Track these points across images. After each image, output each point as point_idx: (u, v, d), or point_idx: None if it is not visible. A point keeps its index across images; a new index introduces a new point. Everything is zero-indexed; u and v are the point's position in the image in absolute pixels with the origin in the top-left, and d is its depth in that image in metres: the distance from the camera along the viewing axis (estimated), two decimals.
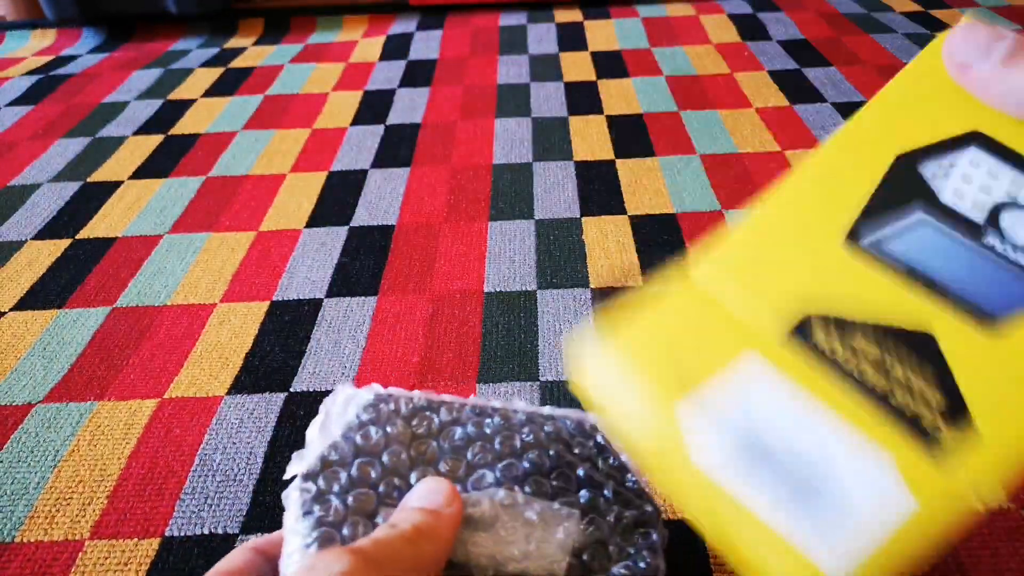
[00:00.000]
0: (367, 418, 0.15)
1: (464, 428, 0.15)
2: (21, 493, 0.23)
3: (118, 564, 0.21)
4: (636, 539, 0.14)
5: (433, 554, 0.12)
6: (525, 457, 0.15)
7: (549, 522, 0.14)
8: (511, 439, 0.15)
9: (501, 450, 0.15)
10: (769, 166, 0.40)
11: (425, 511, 0.13)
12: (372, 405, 0.16)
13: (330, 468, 0.14)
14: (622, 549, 0.14)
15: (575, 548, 0.14)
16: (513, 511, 0.14)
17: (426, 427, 0.15)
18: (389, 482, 0.14)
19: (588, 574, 0.14)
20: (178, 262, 0.34)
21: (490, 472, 0.15)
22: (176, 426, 0.25)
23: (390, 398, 0.16)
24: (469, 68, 0.55)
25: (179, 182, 0.42)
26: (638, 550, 0.14)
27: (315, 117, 0.48)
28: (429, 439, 0.15)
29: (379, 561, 0.11)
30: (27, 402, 0.27)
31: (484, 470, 0.15)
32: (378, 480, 0.14)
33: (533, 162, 0.41)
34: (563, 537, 0.14)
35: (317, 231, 0.36)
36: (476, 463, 0.15)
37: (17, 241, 0.37)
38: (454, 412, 0.16)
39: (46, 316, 0.31)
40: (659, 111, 0.46)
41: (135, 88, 0.54)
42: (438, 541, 0.13)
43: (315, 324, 0.30)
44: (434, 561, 0.12)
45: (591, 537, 0.14)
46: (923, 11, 0.61)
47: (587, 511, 0.14)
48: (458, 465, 0.15)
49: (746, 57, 0.54)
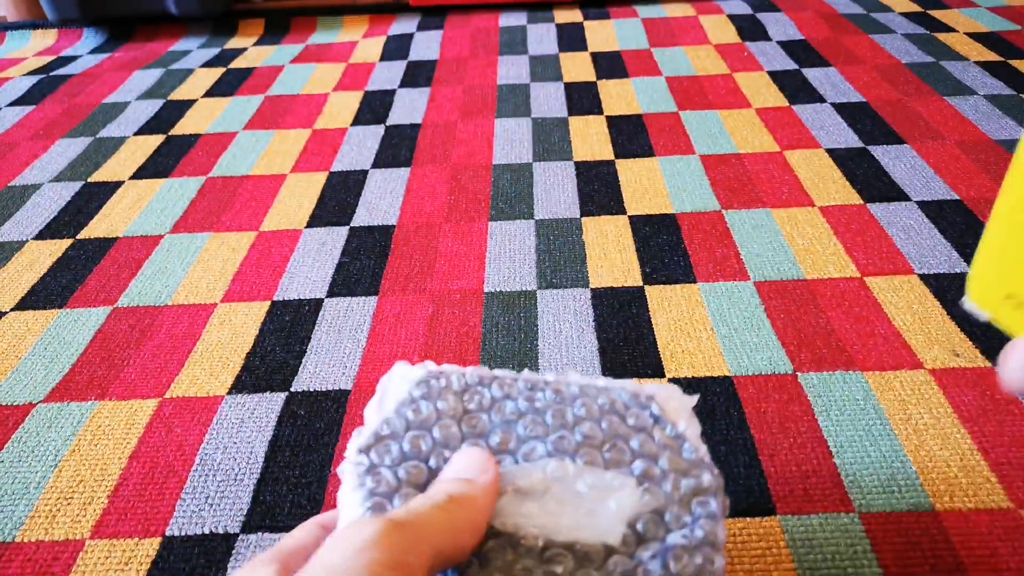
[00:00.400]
0: (419, 394, 0.15)
1: (515, 402, 0.15)
2: (22, 493, 0.23)
3: (119, 564, 0.21)
4: (694, 508, 0.14)
5: (468, 520, 0.12)
6: (577, 429, 0.15)
7: (601, 493, 0.14)
8: (563, 412, 0.15)
9: (553, 423, 0.15)
10: (768, 166, 0.40)
11: (460, 480, 0.13)
12: (424, 381, 0.16)
13: (382, 442, 0.14)
14: (679, 518, 0.14)
15: (629, 518, 0.13)
16: (564, 483, 0.14)
17: (477, 402, 0.15)
18: (440, 455, 0.14)
19: (643, 543, 0.13)
20: (179, 262, 0.34)
21: (541, 444, 0.15)
22: (177, 426, 0.26)
23: (442, 375, 0.16)
24: (469, 68, 0.55)
25: (180, 182, 0.42)
26: (695, 519, 0.14)
27: (315, 117, 0.48)
28: (480, 413, 0.15)
29: (411, 525, 0.12)
30: (28, 402, 0.27)
31: (535, 442, 0.15)
32: (429, 452, 0.14)
33: (533, 162, 0.41)
34: (616, 508, 0.14)
35: (317, 231, 0.36)
36: (527, 436, 0.15)
37: (18, 241, 0.37)
38: (505, 387, 0.16)
39: (47, 316, 0.31)
40: (659, 111, 0.46)
41: (136, 88, 0.54)
42: (472, 508, 0.13)
43: (315, 324, 0.30)
44: (469, 526, 0.12)
45: (646, 507, 0.14)
46: (922, 11, 0.61)
47: (641, 481, 0.14)
48: (508, 438, 0.15)
49: (745, 57, 0.54)
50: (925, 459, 0.23)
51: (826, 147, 0.41)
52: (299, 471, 0.24)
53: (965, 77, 0.49)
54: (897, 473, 0.22)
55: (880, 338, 0.27)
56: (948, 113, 0.44)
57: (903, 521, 0.21)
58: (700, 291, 0.31)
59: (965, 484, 0.22)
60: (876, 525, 0.21)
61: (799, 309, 0.29)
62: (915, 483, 0.22)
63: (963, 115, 0.44)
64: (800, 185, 0.38)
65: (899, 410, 0.24)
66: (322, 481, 0.23)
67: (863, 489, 0.22)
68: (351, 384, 0.27)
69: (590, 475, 0.14)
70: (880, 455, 0.23)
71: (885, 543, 0.20)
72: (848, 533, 0.20)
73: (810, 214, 0.35)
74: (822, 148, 0.41)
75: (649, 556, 0.13)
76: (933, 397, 0.25)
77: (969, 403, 0.25)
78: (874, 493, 0.22)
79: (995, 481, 0.22)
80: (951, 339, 0.27)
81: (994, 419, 0.24)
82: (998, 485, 0.22)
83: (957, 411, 0.24)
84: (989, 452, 0.23)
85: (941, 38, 0.55)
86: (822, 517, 0.21)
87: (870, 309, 0.29)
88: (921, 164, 0.39)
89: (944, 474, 0.22)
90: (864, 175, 0.39)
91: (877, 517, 0.21)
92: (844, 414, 0.24)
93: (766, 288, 0.30)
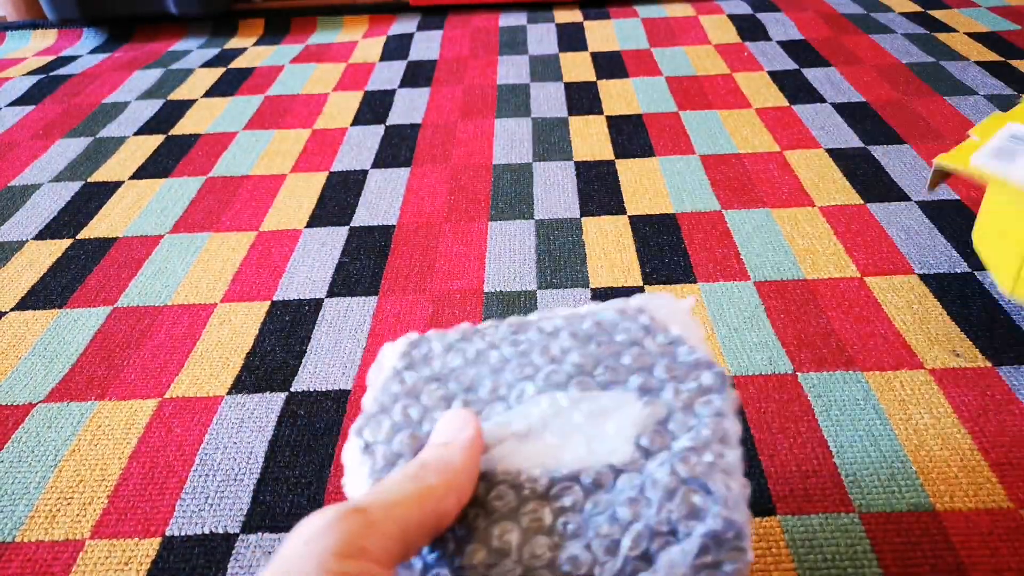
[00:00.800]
0: (402, 365, 0.15)
1: (499, 350, 0.15)
2: (22, 493, 0.23)
3: (119, 564, 0.21)
4: (698, 409, 0.13)
5: (445, 483, 0.12)
6: (567, 360, 0.14)
7: (599, 417, 0.13)
8: (548, 347, 0.15)
9: (541, 360, 0.15)
10: (768, 166, 0.40)
11: (434, 446, 0.13)
12: (406, 353, 0.15)
13: (374, 420, 0.14)
14: (684, 423, 0.13)
15: (633, 435, 0.13)
16: (560, 416, 0.13)
17: (462, 358, 0.15)
18: (431, 418, 0.14)
19: (651, 456, 0.13)
20: (179, 262, 0.34)
21: (530, 384, 0.14)
22: (177, 426, 0.26)
23: (423, 341, 0.16)
24: (469, 68, 0.55)
25: (180, 182, 0.42)
26: (700, 419, 0.13)
27: (315, 117, 0.48)
28: (466, 368, 0.15)
29: (371, 506, 0.11)
30: (28, 402, 0.27)
31: (525, 383, 0.14)
32: (420, 419, 0.14)
33: (533, 162, 0.41)
34: (615, 428, 0.13)
35: (317, 231, 0.36)
36: (516, 379, 0.14)
37: (18, 241, 0.37)
38: (488, 337, 0.15)
39: (47, 316, 0.31)
40: (659, 111, 0.46)
41: (136, 88, 0.54)
42: (449, 469, 0.12)
43: (315, 324, 0.30)
44: (447, 488, 0.12)
45: (649, 419, 0.13)
46: (922, 11, 0.61)
47: (641, 395, 0.14)
48: (498, 385, 0.14)
49: (745, 57, 0.54)
50: (925, 459, 0.23)
51: (826, 147, 0.41)
52: (299, 471, 0.24)
53: (965, 77, 0.49)
54: (897, 473, 0.22)
55: (880, 338, 0.27)
56: (948, 113, 0.44)
57: (903, 521, 0.21)
58: (700, 291, 0.30)
59: (965, 484, 0.22)
60: (876, 525, 0.21)
61: (799, 309, 0.29)
62: (915, 483, 0.22)
63: (963, 115, 0.44)
64: (800, 185, 0.38)
65: (899, 410, 0.24)
66: (322, 481, 0.23)
67: (863, 489, 0.22)
68: (351, 384, 0.27)
69: (586, 402, 0.14)
70: (880, 455, 0.23)
71: (885, 543, 0.20)
72: (848, 533, 0.20)
73: (810, 214, 0.35)
74: (822, 148, 0.41)
75: (657, 465, 0.12)
76: (933, 397, 0.25)
77: (969, 403, 0.25)
78: (874, 493, 0.22)
79: (995, 481, 0.22)
80: (951, 339, 0.27)
81: (994, 419, 0.24)
82: (998, 485, 0.22)
83: (957, 411, 0.24)
84: (989, 452, 0.23)
85: (941, 38, 0.55)
86: (822, 517, 0.21)
87: (870, 309, 0.29)
88: (921, 164, 0.39)
89: (944, 474, 0.22)
90: (864, 175, 0.39)
91: (877, 517, 0.21)
92: (844, 414, 0.24)
93: (766, 288, 0.30)
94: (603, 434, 0.13)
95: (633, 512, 0.12)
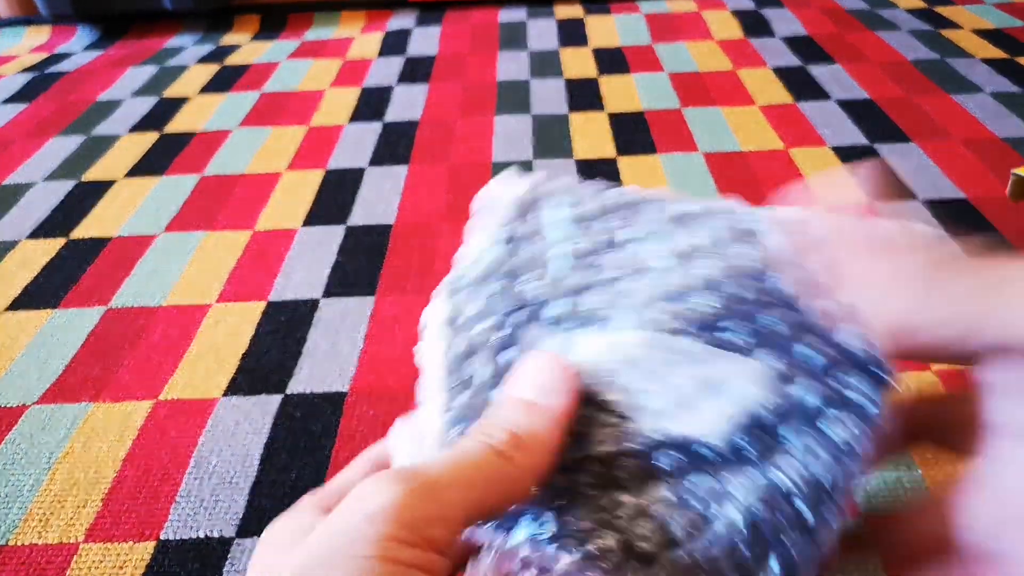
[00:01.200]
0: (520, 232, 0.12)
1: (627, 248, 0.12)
2: (15, 496, 0.23)
3: (113, 568, 0.21)
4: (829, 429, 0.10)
5: (532, 468, 0.10)
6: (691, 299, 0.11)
7: (707, 389, 0.10)
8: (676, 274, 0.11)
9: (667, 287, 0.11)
10: (773, 164, 0.39)
11: (521, 403, 0.10)
12: (528, 204, 0.13)
13: (472, 288, 0.12)
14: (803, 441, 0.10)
15: (733, 430, 0.10)
16: (659, 366, 0.10)
17: (591, 239, 0.12)
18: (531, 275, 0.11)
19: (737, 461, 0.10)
20: (173, 262, 0.34)
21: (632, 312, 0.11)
22: (171, 428, 0.25)
23: (545, 198, 0.13)
24: (468, 64, 0.54)
25: (174, 180, 0.41)
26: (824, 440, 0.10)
27: (312, 114, 0.48)
28: (592, 261, 0.12)
29: (443, 487, 0.09)
30: (21, 403, 0.26)
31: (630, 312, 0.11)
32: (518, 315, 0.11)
33: (533, 160, 0.41)
34: (719, 410, 0.10)
35: (314, 230, 0.36)
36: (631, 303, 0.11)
37: (11, 241, 0.37)
38: (626, 219, 0.12)
39: (40, 316, 0.31)
40: (661, 108, 0.46)
41: (130, 85, 0.54)
42: (538, 450, 0.10)
43: (312, 325, 0.30)
44: (533, 475, 0.10)
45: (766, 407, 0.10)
46: (927, 7, 0.60)
47: (779, 380, 0.10)
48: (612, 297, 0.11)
49: (749, 54, 0.53)
50: (930, 460, 0.22)
51: (831, 145, 0.41)
52: (295, 474, 0.23)
53: (971, 74, 0.48)
54: (903, 476, 0.22)
55: None
56: (954, 111, 0.44)
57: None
58: None
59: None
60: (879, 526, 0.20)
61: None
62: (920, 484, 0.22)
63: (969, 113, 0.43)
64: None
65: None
66: (318, 485, 0.23)
67: (867, 491, 0.21)
68: (347, 386, 0.27)
69: (699, 365, 0.10)
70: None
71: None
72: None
73: None
74: (827, 146, 0.41)
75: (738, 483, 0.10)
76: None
77: None
78: (877, 495, 0.21)
79: None
80: None
81: None
82: None
83: None
84: None
85: (947, 35, 0.55)
86: None
87: None
88: (927, 162, 0.39)
89: (948, 474, 0.22)
90: None
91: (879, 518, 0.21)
92: None
93: None
94: (701, 408, 0.10)
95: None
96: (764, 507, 0.10)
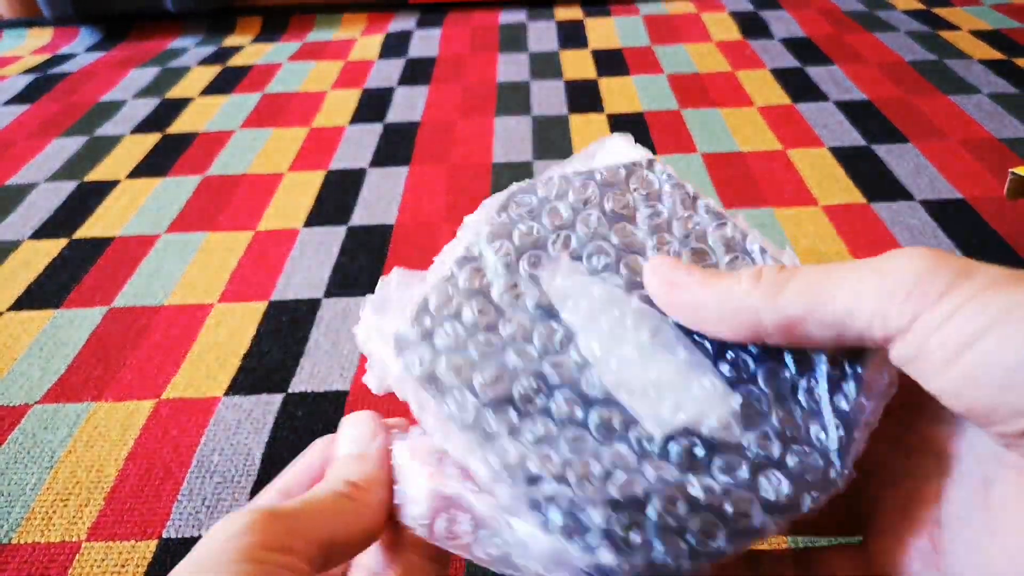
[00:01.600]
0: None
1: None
2: (18, 494, 0.23)
3: (115, 566, 0.21)
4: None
5: (374, 502, 0.11)
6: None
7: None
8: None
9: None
10: (771, 165, 0.40)
11: (349, 458, 0.12)
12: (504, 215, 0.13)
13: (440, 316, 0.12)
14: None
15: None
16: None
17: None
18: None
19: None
20: (175, 262, 0.34)
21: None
22: (173, 427, 0.25)
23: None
24: (468, 66, 0.54)
25: (176, 181, 0.41)
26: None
27: (313, 115, 0.48)
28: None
29: (294, 513, 0.10)
30: (24, 403, 0.27)
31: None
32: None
33: (533, 161, 0.41)
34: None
35: (315, 230, 0.36)
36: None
37: (14, 241, 0.37)
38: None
39: (43, 316, 0.31)
40: (660, 109, 0.46)
41: (132, 87, 0.54)
42: (375, 487, 0.12)
43: (313, 324, 0.30)
44: (378, 508, 0.11)
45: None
46: (925, 9, 0.60)
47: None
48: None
49: (748, 55, 0.54)
50: None
51: (829, 146, 0.41)
52: None
53: (969, 75, 0.48)
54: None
55: None
56: (952, 111, 0.44)
57: None
58: None
59: None
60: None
61: None
62: None
63: (967, 113, 0.43)
64: (803, 184, 0.38)
65: None
66: None
67: None
68: (349, 385, 0.27)
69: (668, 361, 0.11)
70: None
71: None
72: None
73: (813, 213, 0.35)
74: (825, 147, 0.41)
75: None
76: None
77: None
78: None
79: None
80: None
81: None
82: None
83: None
84: None
85: (945, 36, 0.55)
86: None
87: None
88: (924, 163, 0.39)
89: None
90: (867, 174, 0.38)
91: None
92: None
93: None
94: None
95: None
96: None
